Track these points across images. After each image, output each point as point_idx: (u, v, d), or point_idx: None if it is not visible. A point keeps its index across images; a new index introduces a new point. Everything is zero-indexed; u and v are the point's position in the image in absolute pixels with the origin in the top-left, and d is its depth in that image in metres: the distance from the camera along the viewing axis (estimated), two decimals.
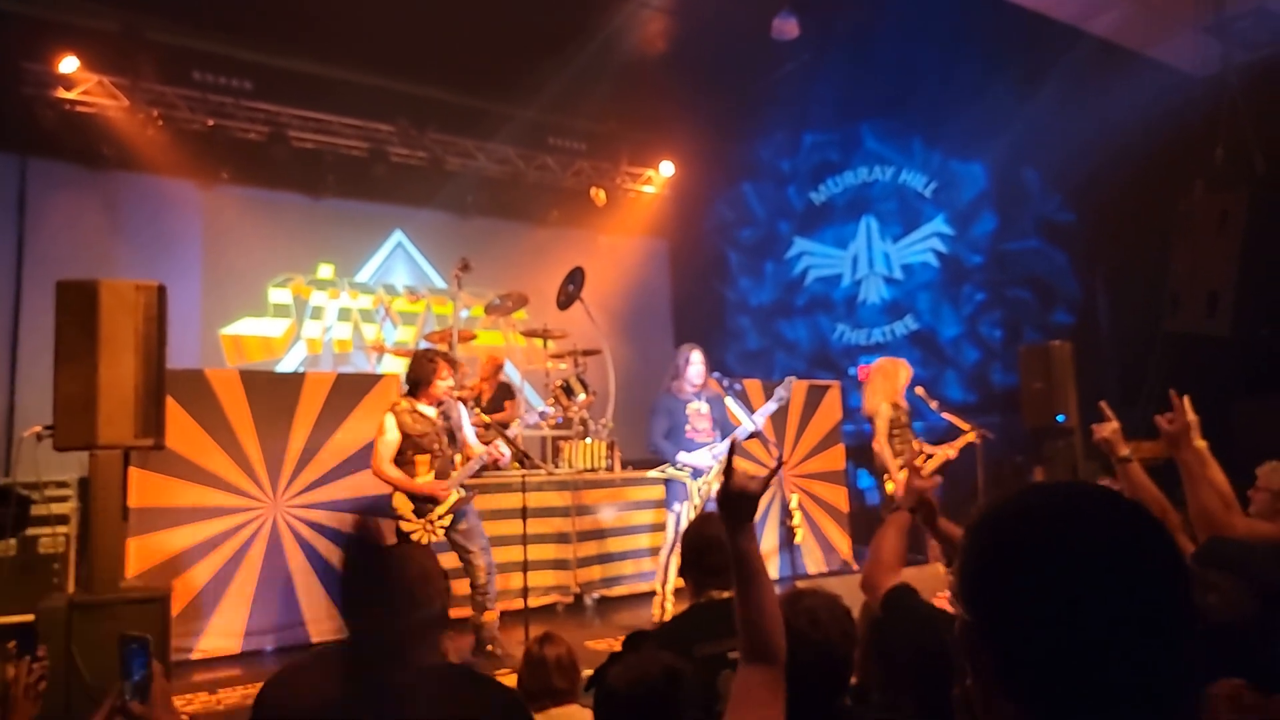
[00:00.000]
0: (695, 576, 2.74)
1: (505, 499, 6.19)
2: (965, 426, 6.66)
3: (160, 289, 4.35)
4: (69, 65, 8.17)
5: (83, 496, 6.06)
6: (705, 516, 3.88)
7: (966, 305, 11.08)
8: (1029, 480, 7.07)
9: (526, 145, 10.78)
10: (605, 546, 7.17)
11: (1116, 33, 7.58)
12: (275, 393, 5.97)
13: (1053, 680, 0.80)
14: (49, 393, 4.21)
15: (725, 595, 2.58)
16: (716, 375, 6.10)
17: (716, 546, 1.75)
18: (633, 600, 7.03)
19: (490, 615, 5.20)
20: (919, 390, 6.95)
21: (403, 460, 5.10)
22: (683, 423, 5.86)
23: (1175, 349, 6.29)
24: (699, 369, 5.91)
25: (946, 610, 2.05)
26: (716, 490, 1.65)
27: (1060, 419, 7.54)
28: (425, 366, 5.18)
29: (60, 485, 6.18)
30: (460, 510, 5.17)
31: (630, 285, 12.01)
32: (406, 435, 5.09)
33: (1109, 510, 0.85)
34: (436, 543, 5.13)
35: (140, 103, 8.44)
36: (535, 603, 5.97)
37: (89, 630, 3.95)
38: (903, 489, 2.45)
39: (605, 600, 7.08)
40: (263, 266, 9.93)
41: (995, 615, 0.84)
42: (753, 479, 1.63)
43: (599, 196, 11.53)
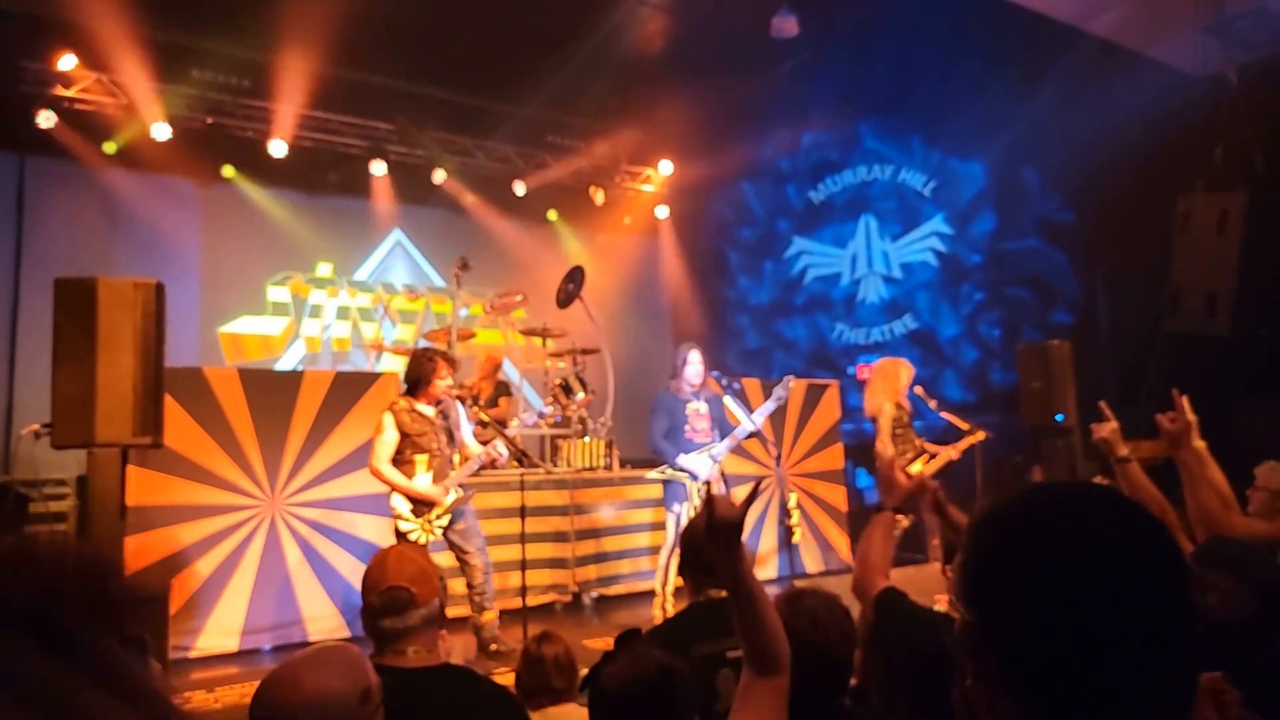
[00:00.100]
0: (694, 575, 2.74)
1: (503, 497, 6.19)
2: (964, 426, 6.67)
3: (158, 287, 4.34)
4: (67, 63, 8.16)
5: (81, 495, 6.05)
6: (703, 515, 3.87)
7: (966, 304, 11.08)
8: (1028, 480, 7.08)
9: (525, 144, 10.77)
10: (603, 545, 7.16)
11: (1116, 32, 7.58)
12: (274, 391, 5.97)
13: (1054, 680, 0.80)
14: (47, 391, 4.21)
15: (724, 594, 2.58)
16: (715, 375, 6.10)
17: None
18: (631, 599, 7.03)
19: (489, 615, 5.20)
20: (918, 390, 6.95)
21: (401, 459, 5.08)
22: (681, 423, 5.85)
23: (1175, 349, 6.28)
24: (697, 369, 5.90)
25: (937, 611, 2.05)
26: (704, 516, 1.64)
27: (1059, 418, 7.54)
28: (424, 366, 5.16)
29: (58, 483, 6.18)
30: (458, 510, 5.16)
31: (629, 284, 12.01)
32: (405, 434, 5.07)
33: (1110, 510, 0.84)
34: (433, 541, 5.13)
35: (138, 101, 8.42)
36: (533, 601, 5.97)
37: None
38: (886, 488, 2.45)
39: (603, 599, 7.08)
40: (261, 265, 9.93)
41: (996, 615, 0.84)
42: (734, 507, 1.63)
43: (598, 195, 11.54)
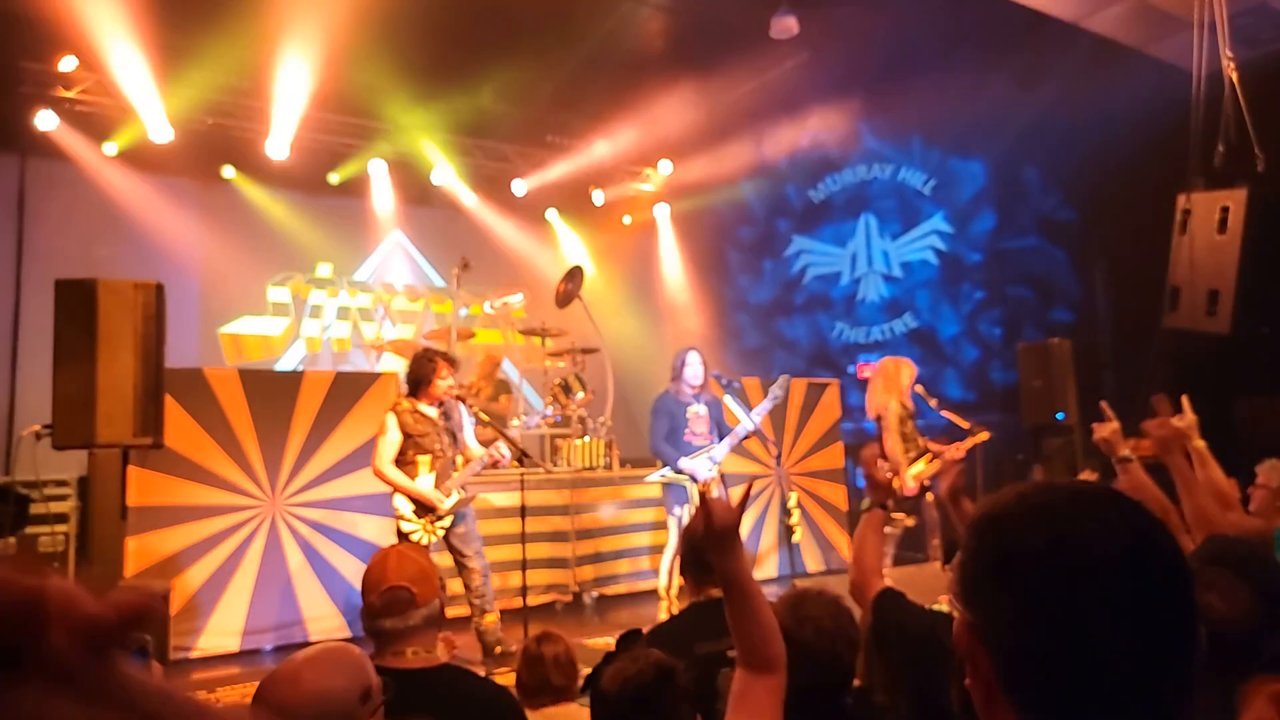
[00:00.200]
0: (695, 574, 2.74)
1: (503, 497, 6.19)
2: (965, 424, 6.66)
3: (158, 288, 4.34)
4: (68, 64, 8.16)
5: (82, 495, 6.06)
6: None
7: (966, 303, 11.07)
8: (1029, 478, 7.07)
9: (525, 143, 10.77)
10: (603, 545, 7.17)
11: (1116, 30, 7.57)
12: (274, 391, 5.97)
13: (1052, 680, 0.79)
14: (48, 391, 4.21)
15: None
16: (716, 375, 6.10)
17: None
18: (631, 598, 7.03)
19: (491, 618, 5.19)
20: (919, 389, 6.94)
21: (404, 460, 5.08)
22: (681, 426, 5.85)
23: (1175, 347, 6.28)
24: (697, 370, 5.90)
25: (937, 611, 2.05)
26: (700, 520, 1.64)
27: (1059, 417, 7.55)
28: (424, 366, 5.16)
29: (60, 484, 6.18)
30: (460, 513, 5.16)
31: (629, 283, 12.01)
32: (408, 435, 5.07)
33: (1110, 509, 0.84)
34: (433, 543, 5.13)
35: (139, 102, 8.41)
36: (534, 601, 5.96)
37: None
38: (904, 486, 2.45)
39: (603, 598, 7.08)
40: (262, 265, 9.93)
41: (993, 615, 0.83)
42: (730, 510, 1.63)
43: (597, 195, 11.55)
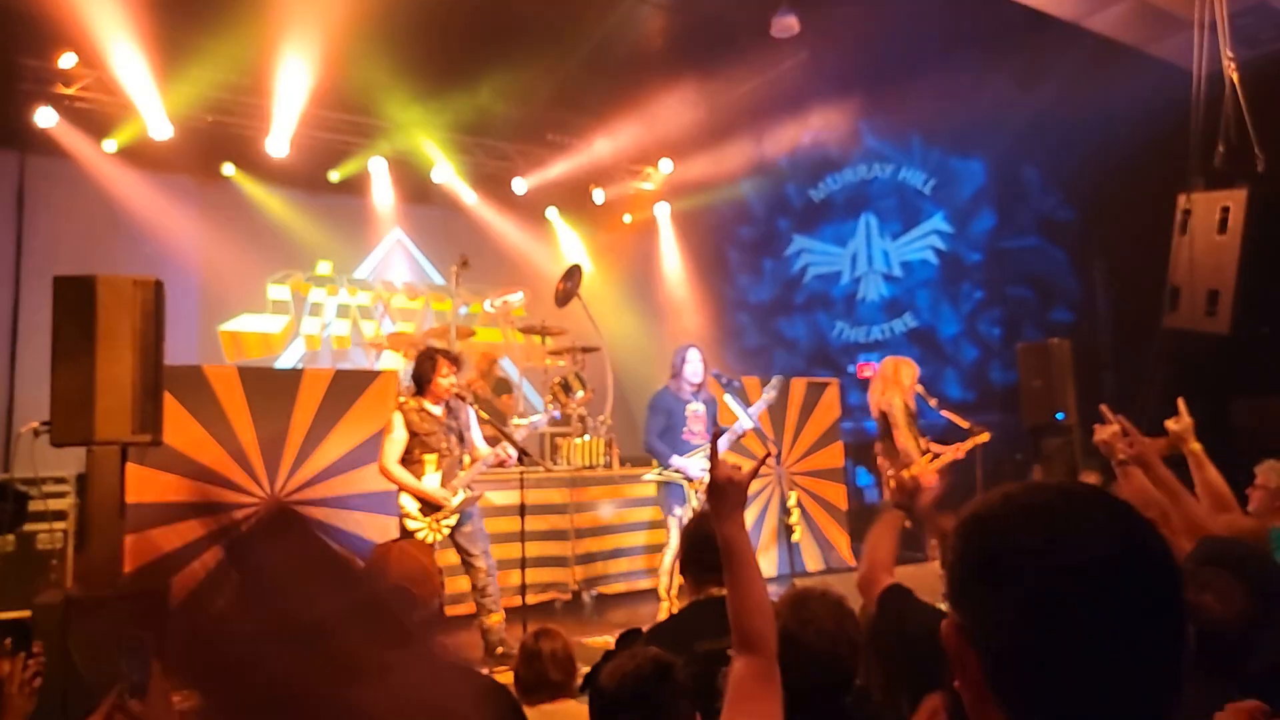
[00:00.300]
0: (695, 573, 2.74)
1: (503, 495, 6.19)
2: (965, 424, 6.66)
3: (158, 284, 4.33)
4: (68, 61, 8.15)
5: (80, 492, 6.05)
6: (705, 514, 3.88)
7: (966, 303, 11.06)
8: (1028, 478, 7.06)
9: (525, 141, 10.77)
10: (603, 543, 7.17)
11: (1116, 29, 7.56)
12: (273, 389, 5.97)
13: (1040, 681, 0.79)
14: (47, 388, 4.20)
15: (725, 592, 2.58)
16: (715, 373, 6.09)
17: (716, 543, 1.76)
18: (631, 597, 7.03)
19: (496, 618, 5.19)
20: (918, 388, 6.94)
21: (410, 459, 5.10)
22: (680, 424, 5.84)
23: (1175, 347, 6.28)
24: (696, 367, 5.89)
25: (941, 609, 2.04)
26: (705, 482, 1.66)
27: (1059, 417, 7.54)
28: (425, 365, 5.20)
29: (58, 481, 6.16)
30: (466, 512, 5.16)
31: (629, 282, 12.01)
32: (413, 434, 5.09)
33: (1098, 509, 0.83)
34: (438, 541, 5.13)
35: (138, 99, 8.41)
36: (533, 600, 5.97)
37: (86, 627, 3.94)
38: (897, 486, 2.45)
39: (603, 597, 7.08)
40: (261, 263, 9.92)
41: (982, 616, 0.82)
42: (737, 468, 1.64)
43: (597, 193, 11.55)
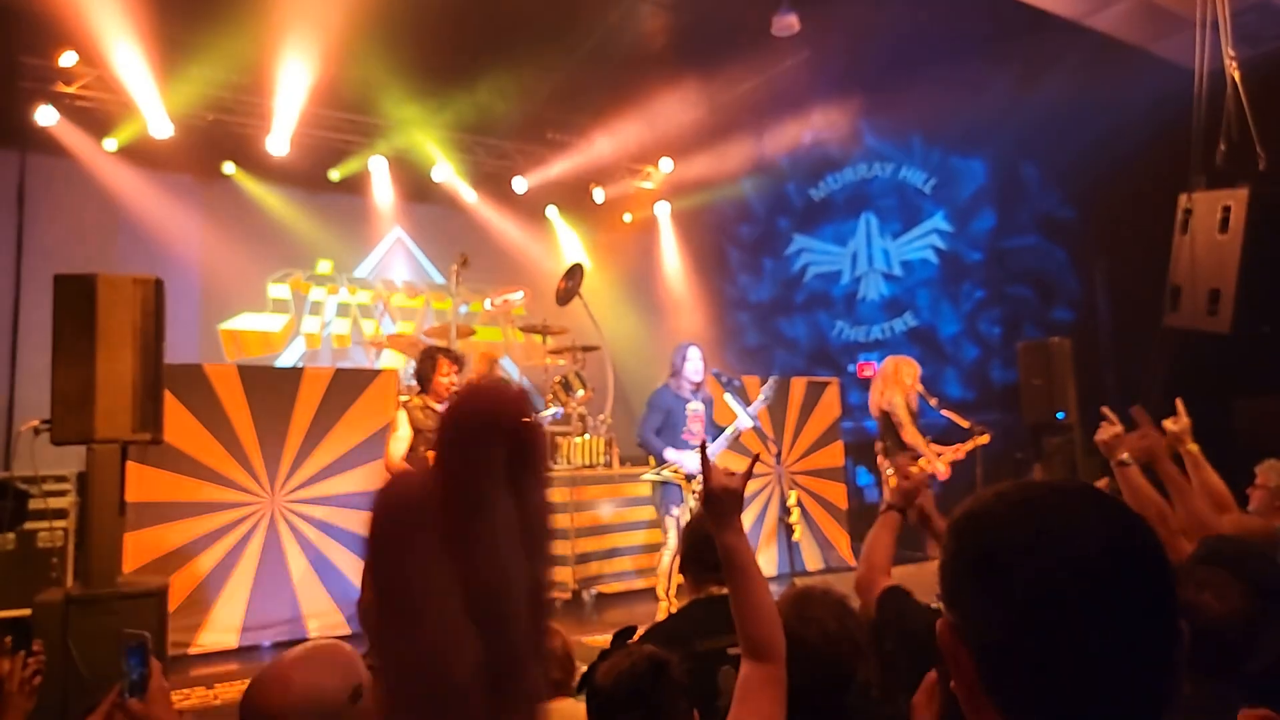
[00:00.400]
0: (695, 572, 2.74)
1: None
2: (965, 424, 6.66)
3: (158, 283, 4.32)
4: (68, 59, 8.15)
5: (81, 491, 6.05)
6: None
7: (966, 302, 11.06)
8: (1029, 477, 7.06)
9: (525, 140, 10.76)
10: (603, 543, 7.16)
11: (1118, 28, 7.55)
12: (273, 388, 5.97)
13: (1034, 679, 0.78)
14: (47, 387, 4.20)
15: (725, 591, 2.58)
16: (715, 372, 6.08)
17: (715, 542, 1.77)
18: (630, 596, 7.04)
19: None
20: (919, 387, 6.94)
21: (415, 456, 5.14)
22: (679, 423, 5.82)
23: (1175, 346, 6.27)
24: (697, 366, 5.88)
25: (937, 610, 2.04)
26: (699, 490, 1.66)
27: (1060, 416, 7.54)
28: (426, 364, 5.25)
29: (59, 479, 6.17)
30: None
31: (629, 281, 12.01)
32: (418, 430, 5.13)
33: (1089, 506, 0.82)
34: None
35: (139, 97, 8.41)
36: None
37: (86, 625, 3.94)
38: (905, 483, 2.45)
39: (602, 596, 7.07)
40: (262, 261, 9.93)
41: (975, 614, 0.82)
42: (732, 475, 1.64)
43: (598, 192, 11.54)
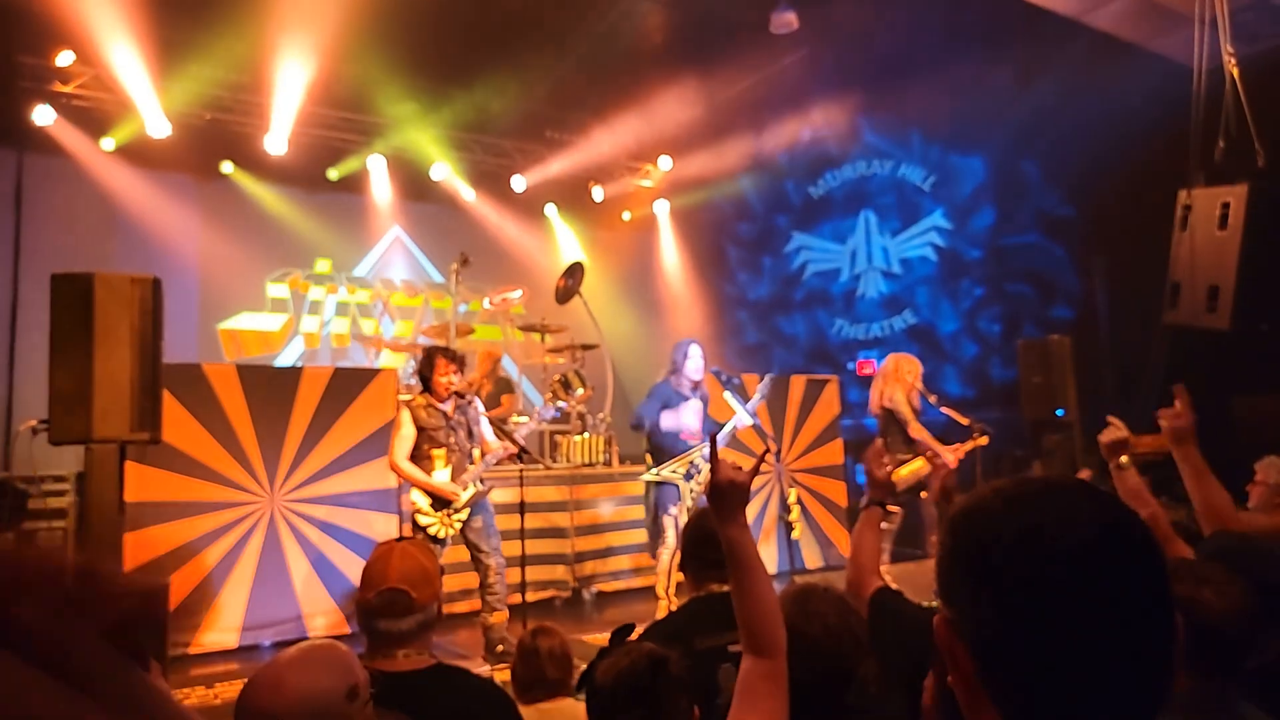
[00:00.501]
0: (695, 570, 2.73)
1: (503, 493, 6.18)
2: (965, 421, 6.66)
3: (155, 282, 4.31)
4: (66, 59, 8.13)
5: (80, 491, 6.04)
6: (705, 510, 3.86)
7: (965, 300, 11.06)
8: (1025, 474, 7.06)
9: (524, 138, 10.75)
10: (603, 541, 7.16)
11: (1116, 25, 7.55)
12: (272, 387, 5.96)
13: (1030, 672, 0.79)
14: (46, 386, 4.19)
15: (725, 589, 2.57)
16: (715, 370, 6.07)
17: (716, 540, 1.76)
18: (630, 594, 7.03)
19: (499, 616, 5.19)
20: (919, 385, 6.93)
21: (419, 455, 5.13)
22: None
23: (1174, 343, 6.27)
24: (698, 363, 5.85)
25: (932, 610, 2.04)
26: (705, 484, 1.65)
27: (1059, 413, 7.54)
28: (425, 364, 5.24)
29: (58, 479, 6.17)
30: (476, 507, 5.18)
31: (628, 279, 12.00)
32: (421, 429, 5.12)
33: (1082, 500, 0.83)
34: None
35: (137, 97, 8.39)
36: (533, 597, 5.96)
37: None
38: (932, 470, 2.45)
39: (602, 595, 7.07)
40: (260, 261, 9.92)
41: (972, 609, 0.82)
42: (738, 469, 1.63)
43: (597, 190, 11.54)
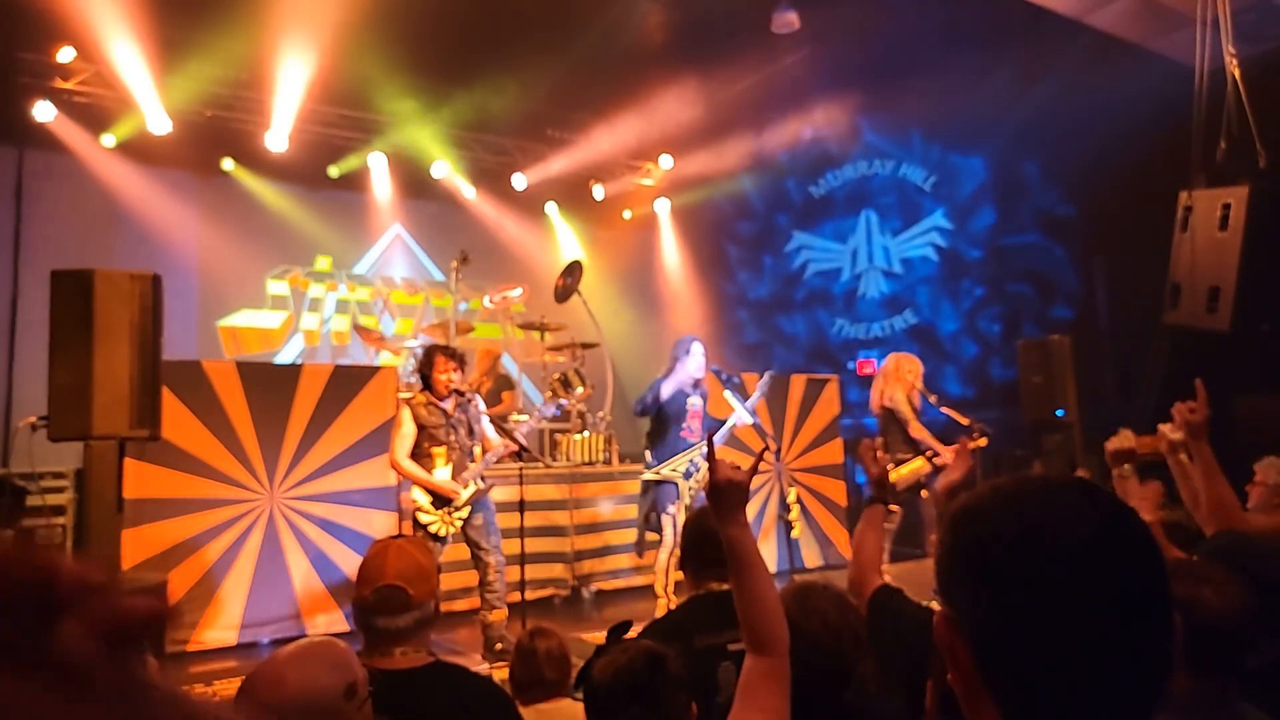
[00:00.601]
0: (694, 568, 2.73)
1: (503, 492, 6.18)
2: (965, 421, 6.65)
3: (155, 278, 4.31)
4: (66, 55, 8.13)
5: (79, 488, 6.04)
6: (705, 509, 3.86)
7: (966, 299, 11.06)
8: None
9: (525, 137, 10.75)
10: (602, 539, 7.16)
11: (1118, 25, 7.55)
12: (272, 385, 5.96)
13: (1029, 669, 0.79)
14: (45, 383, 4.19)
15: (724, 587, 2.57)
16: (715, 369, 6.07)
17: (715, 539, 1.76)
18: (629, 593, 7.03)
19: (498, 614, 5.19)
20: (919, 384, 6.92)
21: (420, 453, 5.13)
22: (680, 418, 5.78)
23: (1175, 343, 6.27)
24: (700, 361, 5.84)
25: (933, 609, 2.04)
26: (705, 482, 1.65)
27: (1059, 413, 7.54)
28: (424, 363, 5.24)
29: (57, 476, 6.17)
30: (477, 504, 5.18)
31: (629, 278, 12.00)
32: (421, 427, 5.12)
33: (1080, 497, 0.83)
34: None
35: (137, 93, 8.39)
36: (532, 596, 5.96)
37: None
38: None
39: (602, 593, 7.07)
40: (260, 258, 9.92)
41: (971, 606, 0.83)
42: (737, 468, 1.63)
43: (597, 189, 11.53)
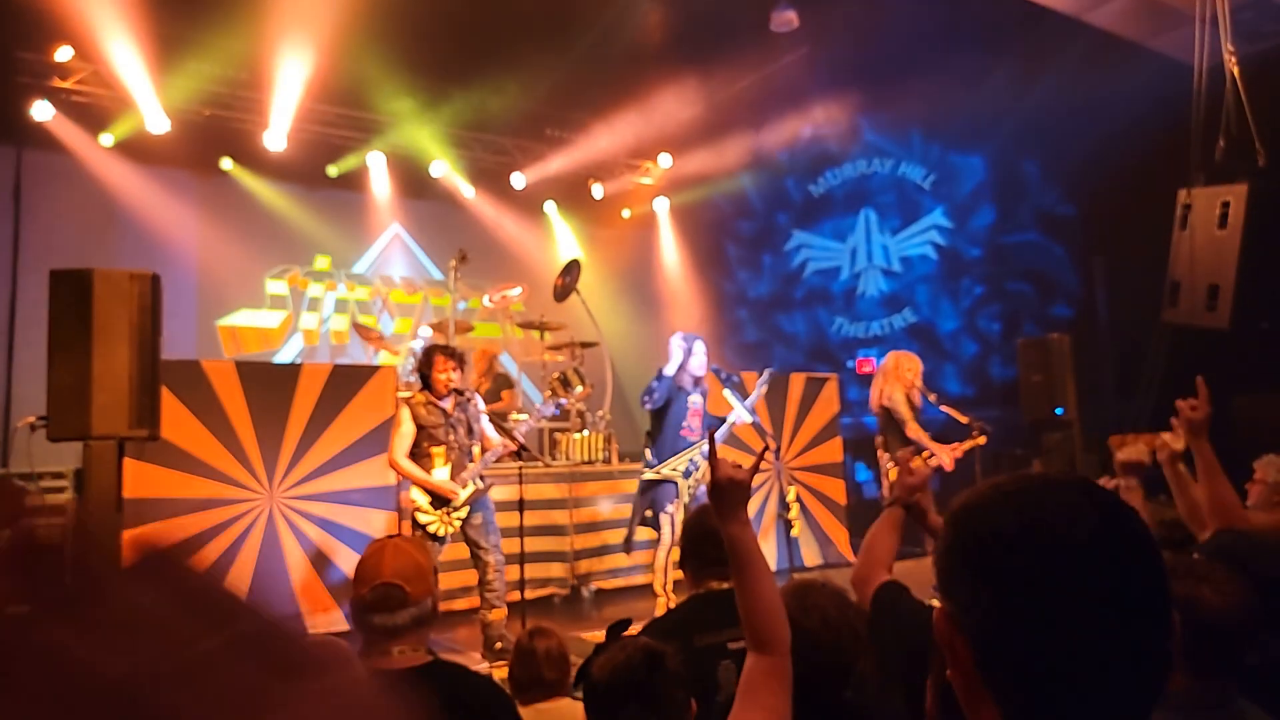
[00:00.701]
0: (694, 567, 2.73)
1: (502, 491, 6.18)
2: (964, 419, 6.65)
3: (154, 278, 4.31)
4: (64, 54, 8.12)
5: (78, 487, 6.04)
6: (705, 508, 3.85)
7: (965, 298, 11.07)
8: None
9: (524, 136, 10.74)
10: (602, 539, 7.16)
11: (1117, 23, 7.55)
12: (271, 384, 5.95)
13: (1028, 666, 0.79)
14: (44, 383, 4.18)
15: (724, 586, 2.58)
16: (714, 368, 6.06)
17: (715, 537, 1.75)
18: (629, 592, 7.03)
19: (498, 614, 5.18)
20: (918, 383, 6.92)
21: (419, 453, 5.12)
22: (681, 416, 5.77)
23: (1174, 342, 6.27)
24: (701, 360, 5.83)
25: (934, 606, 2.03)
26: (706, 481, 1.65)
27: (1059, 412, 7.54)
28: (422, 362, 5.24)
29: (56, 476, 6.16)
30: (476, 504, 5.17)
31: (628, 277, 11.99)
32: (420, 426, 5.12)
33: (1080, 495, 0.83)
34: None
35: (136, 93, 8.38)
36: (532, 595, 5.96)
37: None
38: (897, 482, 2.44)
39: (601, 592, 7.07)
40: (259, 257, 9.91)
41: (970, 603, 0.83)
42: (738, 467, 1.63)
43: (596, 188, 11.53)
